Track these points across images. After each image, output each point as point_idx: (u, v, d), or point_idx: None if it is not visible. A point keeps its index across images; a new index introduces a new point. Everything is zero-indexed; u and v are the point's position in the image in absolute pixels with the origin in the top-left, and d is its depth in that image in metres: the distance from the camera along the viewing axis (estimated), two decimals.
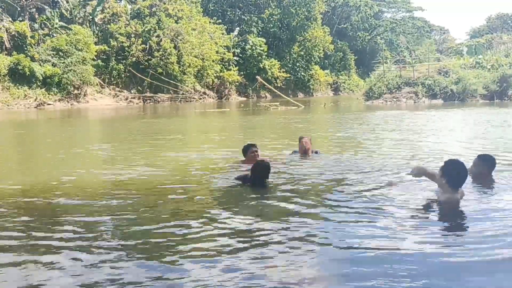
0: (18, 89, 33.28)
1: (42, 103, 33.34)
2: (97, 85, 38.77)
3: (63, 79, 34.86)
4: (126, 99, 40.30)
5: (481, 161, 6.00)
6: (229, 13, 56.00)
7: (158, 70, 41.35)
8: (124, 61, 41.33)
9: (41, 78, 33.89)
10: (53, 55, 35.24)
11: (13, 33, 35.16)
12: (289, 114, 23.77)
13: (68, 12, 40.79)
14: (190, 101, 42.43)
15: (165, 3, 44.53)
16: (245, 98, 50.08)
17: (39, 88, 34.15)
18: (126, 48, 41.19)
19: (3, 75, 32.80)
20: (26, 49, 34.86)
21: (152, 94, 41.83)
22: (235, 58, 49.87)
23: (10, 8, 36.96)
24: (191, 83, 44.25)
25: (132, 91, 41.96)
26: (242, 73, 50.46)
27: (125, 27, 41.73)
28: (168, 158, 9.11)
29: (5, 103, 31.86)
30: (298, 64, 58.90)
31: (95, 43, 39.27)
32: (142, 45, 41.34)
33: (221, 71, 47.41)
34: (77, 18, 41.35)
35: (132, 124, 19.89)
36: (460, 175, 4.85)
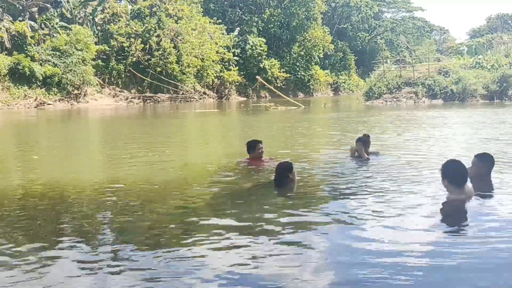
0: (18, 89, 33.28)
1: (42, 103, 33.33)
2: (97, 85, 38.77)
3: (63, 79, 34.86)
4: (126, 99, 40.31)
5: (479, 160, 5.99)
6: (229, 13, 55.99)
7: (158, 70, 41.37)
8: (124, 61, 41.36)
9: (41, 78, 33.88)
10: (53, 55, 35.22)
11: (13, 33, 35.15)
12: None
13: (68, 12, 40.80)
14: (190, 101, 42.44)
15: (165, 3, 44.55)
16: (245, 98, 50.11)
17: (39, 88, 34.15)
18: (126, 48, 41.21)
19: (3, 75, 32.79)
20: (26, 49, 34.83)
21: (152, 94, 41.85)
22: (235, 58, 49.85)
23: (11, 8, 36.97)
24: (191, 83, 44.27)
25: (132, 91, 41.99)
26: (242, 73, 50.46)
27: (125, 27, 41.76)
28: (169, 157, 9.11)
29: (5, 103, 31.87)
30: (298, 64, 58.91)
31: (95, 43, 39.27)
32: (142, 45, 41.38)
33: (221, 71, 47.43)
34: (77, 18, 41.37)
35: (132, 124, 19.88)
36: (459, 172, 4.90)
